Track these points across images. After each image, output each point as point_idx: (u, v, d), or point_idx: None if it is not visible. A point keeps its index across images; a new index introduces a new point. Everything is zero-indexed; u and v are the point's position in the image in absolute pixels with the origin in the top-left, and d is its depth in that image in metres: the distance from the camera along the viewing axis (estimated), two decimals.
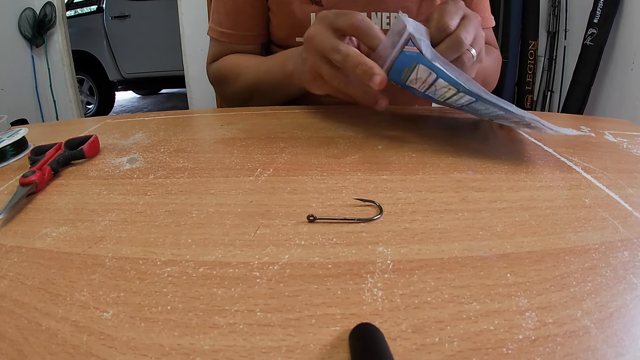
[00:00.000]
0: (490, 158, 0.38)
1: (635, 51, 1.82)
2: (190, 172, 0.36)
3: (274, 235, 0.26)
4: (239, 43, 0.66)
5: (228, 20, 0.64)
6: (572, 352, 0.18)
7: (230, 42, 0.66)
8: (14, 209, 0.30)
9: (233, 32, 0.65)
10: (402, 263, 0.23)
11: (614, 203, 0.31)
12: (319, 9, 0.60)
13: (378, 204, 0.29)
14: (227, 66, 0.66)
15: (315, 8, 0.60)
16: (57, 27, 2.58)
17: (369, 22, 0.43)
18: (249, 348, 0.18)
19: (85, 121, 0.58)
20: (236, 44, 0.66)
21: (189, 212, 0.29)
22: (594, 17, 1.97)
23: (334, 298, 0.21)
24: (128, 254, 0.25)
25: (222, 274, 0.23)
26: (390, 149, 0.40)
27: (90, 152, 0.40)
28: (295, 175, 0.34)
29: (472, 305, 0.20)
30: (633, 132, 0.50)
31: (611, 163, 0.39)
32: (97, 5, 3.81)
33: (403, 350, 0.18)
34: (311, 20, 0.61)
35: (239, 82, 0.63)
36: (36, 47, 2.53)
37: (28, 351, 0.18)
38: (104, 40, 3.80)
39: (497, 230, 0.27)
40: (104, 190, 0.33)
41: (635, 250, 0.25)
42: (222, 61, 0.67)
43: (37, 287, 0.22)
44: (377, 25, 0.63)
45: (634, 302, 0.21)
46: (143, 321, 0.20)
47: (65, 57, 2.66)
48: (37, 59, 2.56)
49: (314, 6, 0.60)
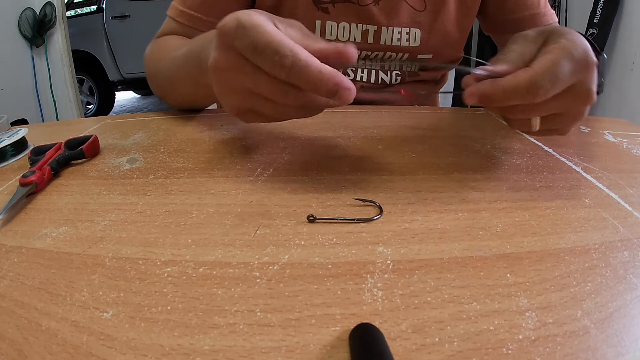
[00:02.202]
0: (490, 158, 0.38)
1: (635, 51, 1.82)
2: (190, 172, 0.36)
3: (274, 235, 0.26)
4: (200, 29, 0.55)
5: (195, 0, 0.55)
6: (572, 352, 0.18)
7: (190, 25, 0.55)
8: (14, 209, 0.30)
9: (195, 15, 0.55)
10: (402, 263, 0.23)
11: (614, 203, 0.31)
12: (325, 16, 0.58)
13: (378, 204, 0.29)
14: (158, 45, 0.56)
15: (320, 15, 0.58)
16: (57, 27, 2.58)
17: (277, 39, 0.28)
18: (249, 348, 0.18)
19: (85, 121, 0.58)
20: (197, 30, 0.55)
21: (189, 212, 0.29)
22: (594, 17, 1.97)
23: (334, 298, 0.21)
24: (128, 254, 0.25)
25: (222, 274, 0.23)
26: (390, 149, 0.40)
27: (90, 152, 0.40)
28: (295, 175, 0.34)
29: (472, 305, 0.20)
30: (633, 132, 0.50)
31: (611, 163, 0.39)
32: (97, 5, 3.80)
33: (403, 350, 0.18)
34: (316, 28, 0.59)
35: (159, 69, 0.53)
36: (36, 47, 2.53)
37: (28, 351, 0.18)
38: (104, 40, 3.79)
39: (497, 230, 0.27)
40: (104, 191, 0.33)
41: (635, 250, 0.25)
42: (161, 40, 0.57)
43: (37, 287, 0.22)
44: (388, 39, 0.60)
45: (634, 302, 0.21)
46: (143, 321, 0.20)
47: (65, 57, 2.66)
48: (37, 59, 2.56)
49: (319, 13, 0.58)
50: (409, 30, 0.60)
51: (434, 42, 0.62)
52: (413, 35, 0.60)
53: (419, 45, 0.61)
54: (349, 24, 0.59)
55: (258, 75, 0.29)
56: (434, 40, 0.61)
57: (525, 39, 0.34)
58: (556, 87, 0.29)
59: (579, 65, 0.30)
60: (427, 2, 0.59)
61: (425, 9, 0.59)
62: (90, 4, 3.85)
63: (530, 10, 0.61)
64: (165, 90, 0.54)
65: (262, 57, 0.28)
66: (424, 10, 0.60)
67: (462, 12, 0.61)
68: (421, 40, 0.61)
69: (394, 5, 0.58)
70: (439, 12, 0.60)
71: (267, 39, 0.28)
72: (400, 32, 0.60)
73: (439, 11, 0.60)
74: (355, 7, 0.58)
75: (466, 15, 0.62)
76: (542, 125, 0.33)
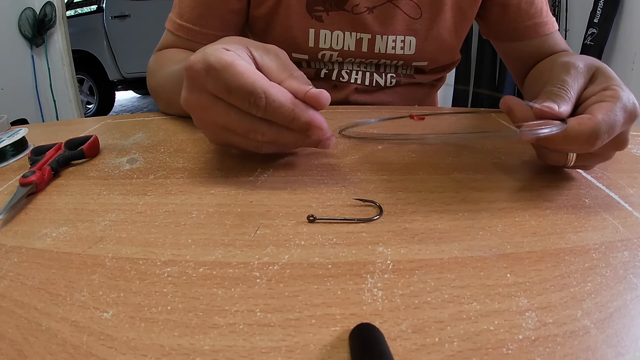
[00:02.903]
0: (490, 158, 0.38)
1: (635, 51, 1.82)
2: (190, 172, 0.36)
3: (274, 236, 0.26)
4: (199, 42, 0.56)
5: (192, 13, 0.56)
6: (572, 352, 0.18)
7: (189, 38, 0.57)
8: (14, 209, 0.30)
9: (194, 28, 0.56)
10: (402, 263, 0.23)
11: (614, 203, 0.31)
12: (319, 24, 0.57)
13: (378, 204, 0.29)
14: (161, 58, 0.57)
15: (314, 23, 0.57)
16: (57, 27, 2.58)
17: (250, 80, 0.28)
18: (249, 348, 0.18)
19: (85, 121, 0.58)
20: (196, 43, 0.56)
21: (189, 212, 0.29)
22: (594, 16, 1.97)
23: (334, 298, 0.21)
24: (128, 254, 0.25)
25: (222, 274, 0.23)
26: (390, 149, 0.40)
27: (90, 152, 0.40)
28: (295, 175, 0.34)
29: (472, 305, 0.20)
30: (633, 132, 0.50)
31: (611, 163, 0.38)
32: (97, 5, 3.80)
33: (403, 350, 0.18)
34: (309, 37, 0.58)
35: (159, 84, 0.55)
36: (36, 47, 2.52)
37: (28, 351, 0.18)
38: (104, 40, 3.79)
39: (497, 230, 0.27)
40: (104, 191, 0.33)
41: (635, 250, 0.25)
42: (162, 53, 0.58)
43: (37, 287, 0.22)
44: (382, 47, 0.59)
45: (634, 302, 0.21)
46: (143, 321, 0.20)
47: (65, 57, 2.66)
48: (37, 59, 2.56)
49: (313, 21, 0.57)
50: (403, 38, 0.59)
51: (429, 49, 0.61)
52: (408, 43, 0.60)
53: (414, 53, 0.60)
54: (342, 32, 0.58)
55: (230, 114, 0.31)
56: (430, 47, 0.60)
57: (576, 71, 0.33)
58: (611, 137, 0.29)
59: (630, 117, 0.30)
60: (423, 10, 0.58)
61: (420, 16, 0.58)
62: (90, 3, 3.85)
63: (532, 19, 0.59)
64: (165, 104, 0.55)
65: (236, 98, 0.29)
66: (419, 17, 0.58)
67: (459, 18, 0.60)
68: (416, 48, 0.60)
69: (388, 13, 0.57)
70: (435, 20, 0.59)
71: (239, 81, 0.29)
72: (395, 40, 0.59)
73: (435, 18, 0.58)
74: (349, 15, 0.57)
75: (463, 21, 0.61)
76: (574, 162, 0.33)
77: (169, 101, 0.53)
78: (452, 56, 0.66)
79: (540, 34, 0.60)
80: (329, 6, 0.57)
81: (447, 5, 0.58)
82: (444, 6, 0.58)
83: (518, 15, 0.59)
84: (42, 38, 2.54)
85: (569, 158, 0.32)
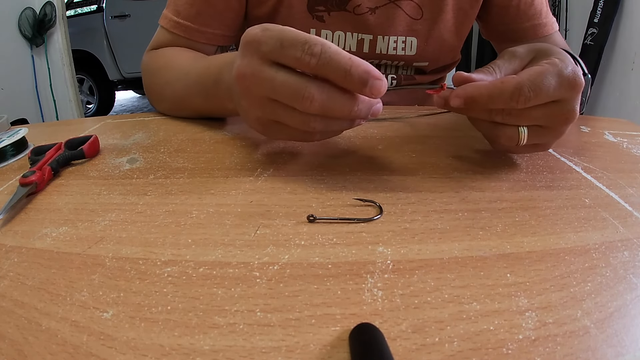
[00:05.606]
0: (490, 158, 0.38)
1: (635, 51, 1.81)
2: (190, 172, 0.36)
3: (274, 235, 0.26)
4: (197, 40, 0.55)
5: (190, 11, 0.54)
6: (572, 352, 0.18)
7: (187, 37, 0.55)
8: (14, 209, 0.30)
9: (191, 26, 0.54)
10: (402, 263, 0.23)
11: (614, 203, 0.31)
12: (320, 25, 0.57)
13: (378, 204, 0.29)
14: (162, 57, 0.55)
15: (315, 23, 0.57)
16: (57, 27, 2.58)
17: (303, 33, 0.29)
18: (249, 348, 0.18)
19: (85, 121, 0.58)
20: (193, 41, 0.55)
21: (189, 212, 0.29)
22: (594, 16, 1.97)
23: (334, 298, 0.21)
24: (128, 254, 0.25)
25: (222, 274, 0.23)
26: (390, 149, 0.40)
27: (90, 152, 0.40)
28: (295, 175, 0.34)
29: (472, 305, 0.20)
30: (633, 132, 0.50)
31: (611, 163, 0.39)
32: (97, 5, 3.80)
33: (403, 350, 0.18)
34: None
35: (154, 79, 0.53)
36: (36, 46, 2.52)
37: (28, 351, 0.18)
38: (104, 40, 3.79)
39: (497, 230, 0.27)
40: (104, 191, 0.33)
41: (635, 250, 0.25)
42: (162, 52, 0.56)
43: (37, 287, 0.22)
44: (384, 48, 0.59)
45: (634, 302, 0.21)
46: (143, 321, 0.20)
47: (65, 57, 2.65)
48: (37, 59, 2.56)
49: (314, 21, 0.57)
50: (405, 39, 0.59)
51: (430, 49, 0.61)
52: (409, 43, 0.60)
53: (415, 54, 0.60)
54: (344, 32, 0.58)
55: (278, 77, 0.29)
56: (431, 48, 0.61)
57: (512, 55, 0.35)
58: (539, 97, 0.30)
59: (566, 82, 0.30)
60: (424, 10, 0.58)
61: (422, 17, 0.58)
62: (90, 3, 3.85)
63: (532, 20, 0.59)
64: (171, 103, 0.53)
65: (290, 50, 0.28)
66: (420, 18, 0.58)
67: (460, 19, 0.60)
68: (417, 49, 0.60)
69: (390, 14, 0.57)
70: (436, 20, 0.59)
71: (294, 33, 0.29)
72: (396, 41, 0.59)
73: (436, 19, 0.59)
74: (351, 15, 0.57)
75: (464, 22, 0.61)
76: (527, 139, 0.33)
77: (178, 100, 0.51)
78: (452, 56, 0.66)
79: (539, 35, 0.60)
80: (330, 6, 0.57)
81: (448, 6, 0.58)
82: (445, 7, 0.58)
83: (517, 17, 0.60)
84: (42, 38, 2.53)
85: (521, 135, 0.32)
